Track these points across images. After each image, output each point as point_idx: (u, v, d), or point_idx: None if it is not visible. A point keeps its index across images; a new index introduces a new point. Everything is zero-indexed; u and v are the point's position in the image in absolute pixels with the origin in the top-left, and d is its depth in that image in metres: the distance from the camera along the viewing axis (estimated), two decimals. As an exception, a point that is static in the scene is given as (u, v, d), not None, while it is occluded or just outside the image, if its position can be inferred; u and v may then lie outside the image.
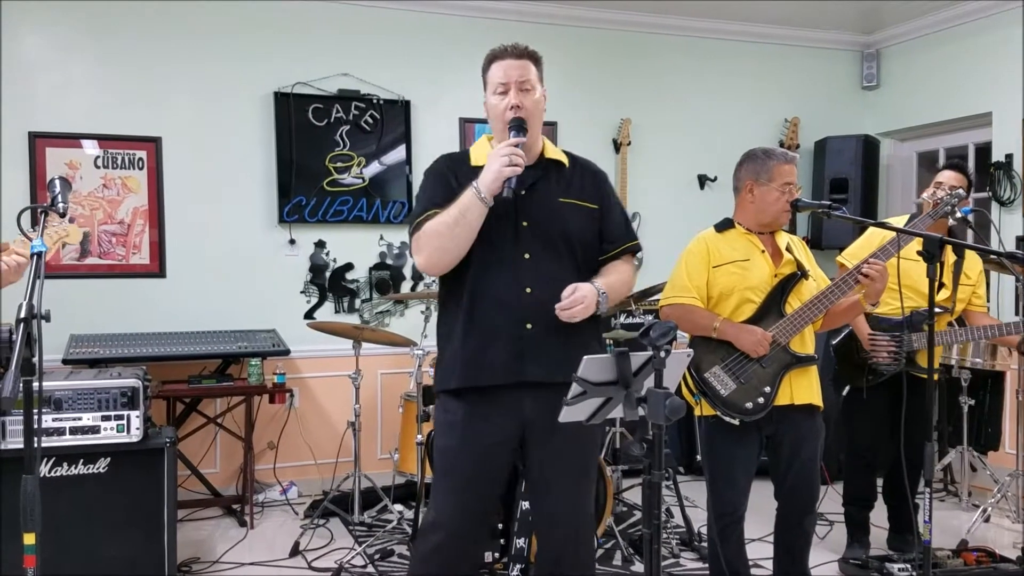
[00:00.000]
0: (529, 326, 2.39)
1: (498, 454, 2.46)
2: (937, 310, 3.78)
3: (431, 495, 2.57)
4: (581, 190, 2.53)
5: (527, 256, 2.40)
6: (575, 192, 2.50)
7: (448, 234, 2.31)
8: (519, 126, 2.38)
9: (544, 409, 2.37)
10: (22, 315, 1.77)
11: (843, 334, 3.98)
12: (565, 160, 2.57)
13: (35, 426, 1.79)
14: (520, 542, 3.41)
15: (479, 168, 2.39)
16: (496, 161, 2.28)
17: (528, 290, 2.39)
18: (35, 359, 1.76)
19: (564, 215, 2.46)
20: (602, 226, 2.54)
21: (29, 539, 1.79)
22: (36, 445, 1.78)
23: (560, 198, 2.45)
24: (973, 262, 3.92)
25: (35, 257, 1.90)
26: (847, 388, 4.01)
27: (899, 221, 3.75)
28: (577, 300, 2.34)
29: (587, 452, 2.59)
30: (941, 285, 3.79)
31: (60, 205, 2.12)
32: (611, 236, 2.56)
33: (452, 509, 2.46)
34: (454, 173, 2.46)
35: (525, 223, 2.38)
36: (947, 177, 3.83)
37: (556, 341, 2.40)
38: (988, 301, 4.07)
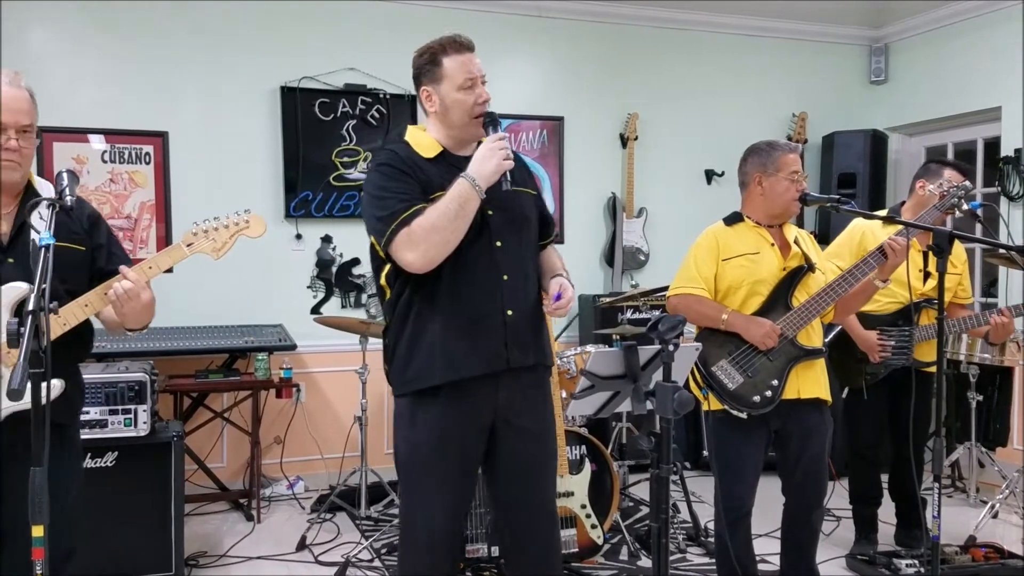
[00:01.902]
0: (510, 312, 2.41)
1: (475, 446, 2.45)
2: (925, 302, 3.77)
3: (405, 498, 2.50)
4: (522, 178, 2.57)
5: (499, 244, 2.43)
6: (519, 180, 2.52)
7: (450, 227, 2.28)
8: (494, 121, 2.41)
9: (515, 393, 2.43)
10: (30, 307, 1.77)
11: (833, 334, 3.94)
12: None
13: (43, 417, 1.79)
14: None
15: (432, 161, 2.42)
16: (495, 156, 2.30)
17: (505, 277, 2.42)
18: (43, 352, 1.76)
19: (520, 202, 2.51)
20: (541, 211, 2.63)
21: (37, 531, 1.79)
22: (44, 437, 1.78)
23: (512, 186, 2.45)
24: (958, 250, 3.88)
25: (43, 250, 1.90)
26: (845, 390, 3.99)
27: (880, 215, 3.74)
28: (570, 296, 2.44)
29: (551, 436, 2.62)
30: (928, 275, 3.77)
31: (68, 198, 2.11)
32: (547, 220, 2.67)
33: (441, 512, 2.41)
34: (415, 164, 2.42)
35: (491, 212, 2.39)
36: (948, 175, 3.81)
37: (529, 326, 2.48)
38: (995, 296, 4.06)
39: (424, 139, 2.49)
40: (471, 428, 2.42)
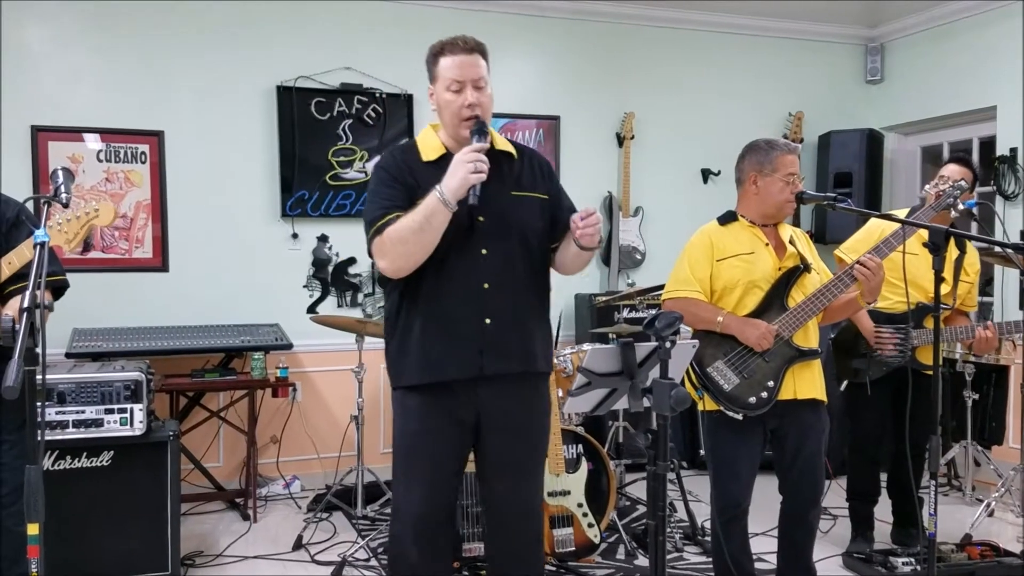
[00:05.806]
0: (488, 321, 2.41)
1: (458, 442, 2.50)
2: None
3: (393, 488, 2.63)
4: (532, 181, 2.53)
5: (484, 252, 2.40)
6: (527, 184, 2.50)
7: (413, 239, 2.29)
8: (481, 130, 2.36)
9: (498, 397, 2.45)
10: (25, 304, 1.76)
11: (841, 327, 3.96)
12: (514, 152, 2.56)
13: (39, 417, 1.78)
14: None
15: (431, 164, 2.41)
16: (462, 168, 2.25)
17: (486, 286, 2.40)
18: (38, 349, 1.75)
19: (518, 208, 2.47)
20: (554, 214, 2.56)
21: (33, 529, 1.78)
22: (40, 436, 1.78)
23: (512, 191, 2.44)
24: (973, 259, 3.90)
25: (38, 247, 1.89)
26: (845, 383, 3.99)
27: (899, 215, 3.73)
28: (597, 218, 2.34)
29: (538, 440, 2.61)
30: (942, 280, 3.77)
31: (63, 195, 2.11)
32: (563, 224, 2.56)
33: (420, 497, 2.47)
34: (409, 169, 2.43)
35: (481, 218, 2.36)
36: (951, 171, 3.81)
37: (512, 334, 2.45)
38: (990, 295, 4.05)
39: (431, 140, 2.50)
40: (451, 424, 2.45)
